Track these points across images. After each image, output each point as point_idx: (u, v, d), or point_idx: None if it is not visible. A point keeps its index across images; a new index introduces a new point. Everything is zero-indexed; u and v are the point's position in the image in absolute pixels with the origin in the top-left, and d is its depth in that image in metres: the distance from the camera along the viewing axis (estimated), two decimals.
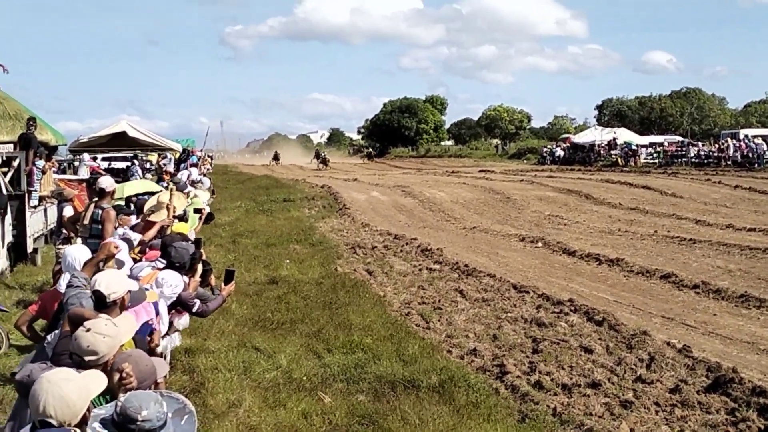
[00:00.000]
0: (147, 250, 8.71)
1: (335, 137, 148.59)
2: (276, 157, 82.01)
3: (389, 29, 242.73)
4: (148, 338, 6.31)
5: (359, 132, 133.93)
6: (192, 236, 10.39)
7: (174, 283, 7.10)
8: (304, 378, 8.90)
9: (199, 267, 8.17)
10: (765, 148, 46.56)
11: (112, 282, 5.55)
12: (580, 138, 70.21)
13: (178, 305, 7.34)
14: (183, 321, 8.05)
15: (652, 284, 15.60)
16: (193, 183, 18.47)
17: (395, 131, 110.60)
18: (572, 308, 12.91)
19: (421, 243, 20.80)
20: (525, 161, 71.63)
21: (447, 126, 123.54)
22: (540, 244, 21.23)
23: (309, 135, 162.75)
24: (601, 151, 61.32)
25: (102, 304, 5.44)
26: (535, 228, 25.17)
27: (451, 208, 31.45)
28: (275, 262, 16.76)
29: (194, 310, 7.50)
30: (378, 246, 20.38)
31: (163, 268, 7.39)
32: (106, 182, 10.90)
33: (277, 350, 9.89)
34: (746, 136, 54.02)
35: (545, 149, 71.22)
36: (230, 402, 8.01)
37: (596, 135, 67.08)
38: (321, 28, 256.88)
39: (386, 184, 42.94)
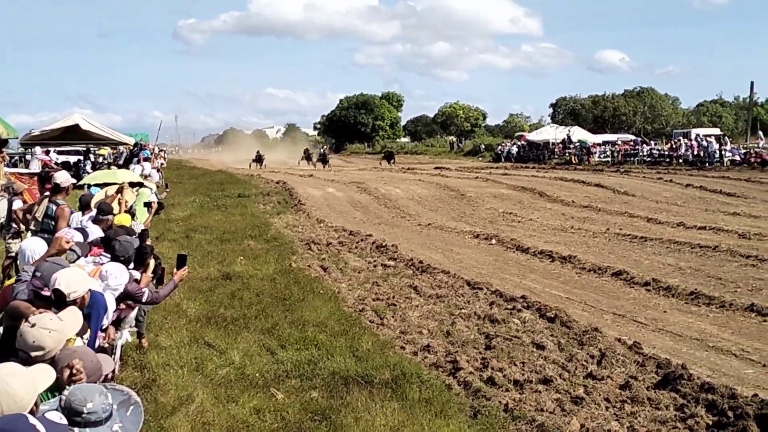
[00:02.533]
0: (90, 247, 8.57)
1: (291, 132, 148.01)
2: (259, 159, 63.18)
3: (344, 25, 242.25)
4: (103, 335, 6.23)
5: (315, 128, 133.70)
6: (139, 229, 10.26)
7: (118, 274, 6.98)
8: (257, 374, 8.86)
9: (151, 261, 8.08)
10: (716, 148, 47.25)
11: (73, 281, 5.47)
12: (535, 136, 70.63)
13: (127, 298, 7.24)
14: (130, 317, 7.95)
15: (604, 281, 15.78)
16: (144, 177, 18.35)
17: (351, 127, 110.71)
18: (525, 305, 13.02)
19: (376, 239, 20.83)
20: (480, 158, 71.97)
21: (403, 123, 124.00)
22: (494, 241, 21.36)
23: (264, 130, 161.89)
24: (556, 149, 61.74)
25: (62, 303, 5.35)
26: (490, 225, 25.33)
27: (407, 205, 31.54)
28: (229, 258, 16.65)
29: (144, 299, 7.38)
30: (333, 242, 20.34)
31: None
32: (62, 177, 10.75)
33: (229, 346, 9.84)
34: (698, 135, 54.78)
35: (500, 147, 71.66)
36: (182, 398, 7.94)
37: (551, 133, 67.58)
38: (275, 23, 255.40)
39: (342, 181, 42.93)
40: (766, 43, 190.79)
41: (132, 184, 13.70)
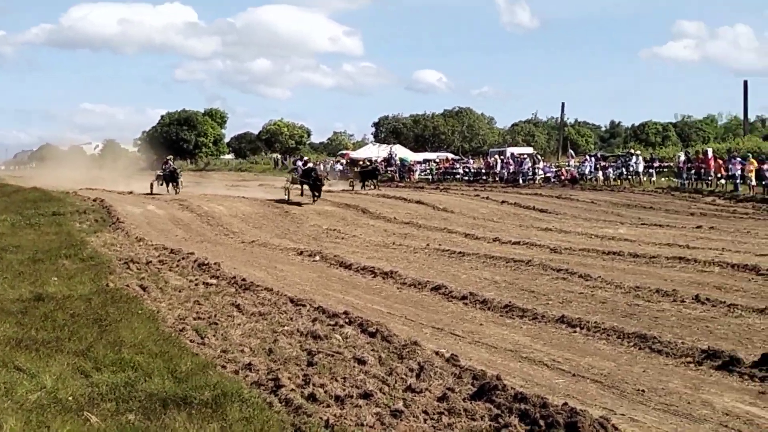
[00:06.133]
0: None
1: (111, 149, 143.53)
2: (172, 176, 46.84)
3: (162, 40, 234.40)
4: None
5: (135, 144, 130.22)
6: None
7: None
8: (71, 398, 8.52)
9: None
10: (530, 166, 49.35)
11: None
12: (358, 154, 71.66)
13: None
14: None
15: (424, 296, 16.11)
16: None
17: (174, 144, 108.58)
18: (347, 320, 13.11)
19: (198, 257, 20.50)
20: None
21: (227, 139, 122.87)
22: (317, 258, 21.48)
23: (82, 146, 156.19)
24: (378, 167, 62.72)
25: None
26: (313, 242, 25.47)
27: (230, 222, 31.26)
28: (42, 278, 15.95)
29: None
30: (153, 261, 19.85)
31: None
32: None
33: (41, 370, 9.41)
34: (512, 153, 57.30)
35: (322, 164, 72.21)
36: None
37: (373, 151, 68.85)
38: (89, 36, 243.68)
39: (163, 198, 42.00)
40: (575, 66, 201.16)
41: None
